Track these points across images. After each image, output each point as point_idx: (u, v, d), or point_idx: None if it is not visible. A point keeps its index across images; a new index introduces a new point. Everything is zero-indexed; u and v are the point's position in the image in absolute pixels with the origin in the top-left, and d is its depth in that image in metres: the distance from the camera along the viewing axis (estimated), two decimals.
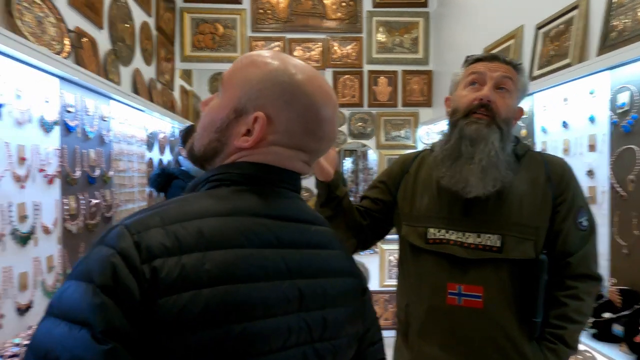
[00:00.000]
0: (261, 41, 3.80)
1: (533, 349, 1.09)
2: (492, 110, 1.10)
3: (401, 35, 3.88)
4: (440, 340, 1.12)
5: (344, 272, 0.66)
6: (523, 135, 2.32)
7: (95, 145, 2.04)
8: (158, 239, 0.49)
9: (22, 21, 1.50)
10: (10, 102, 1.42)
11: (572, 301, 1.09)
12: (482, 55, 1.17)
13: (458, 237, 1.12)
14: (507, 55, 2.49)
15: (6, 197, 1.39)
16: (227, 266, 0.51)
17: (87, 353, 0.43)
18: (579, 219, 1.13)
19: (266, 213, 0.59)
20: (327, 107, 0.64)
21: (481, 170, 1.07)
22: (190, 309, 0.47)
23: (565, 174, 1.15)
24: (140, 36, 2.80)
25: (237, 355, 0.50)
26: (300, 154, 0.65)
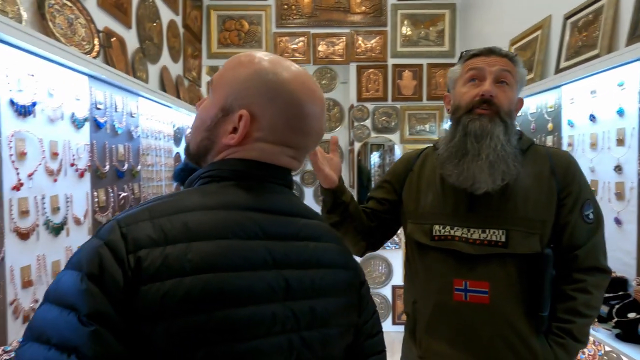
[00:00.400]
0: (286, 37, 3.84)
1: (541, 344, 1.08)
2: (495, 104, 1.10)
3: (427, 28, 3.82)
4: (448, 336, 1.12)
5: (336, 265, 0.67)
6: (549, 129, 2.26)
7: (123, 141, 2.13)
8: (145, 231, 0.53)
9: (54, 23, 1.58)
10: (43, 101, 1.51)
11: (581, 295, 1.08)
12: (478, 50, 1.16)
13: (463, 233, 1.11)
14: (534, 47, 2.42)
15: (40, 190, 1.49)
16: (209, 256, 0.54)
17: (74, 334, 0.47)
18: (586, 212, 1.11)
19: (253, 206, 0.61)
20: (311, 103, 0.66)
21: (489, 166, 1.07)
22: (172, 296, 0.50)
23: (570, 167, 1.14)
24: (167, 34, 2.88)
25: (220, 341, 0.52)
26: (287, 149, 0.67)
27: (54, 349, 0.47)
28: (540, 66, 2.38)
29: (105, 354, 0.47)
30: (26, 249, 1.41)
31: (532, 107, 2.45)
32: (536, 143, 1.23)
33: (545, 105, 2.32)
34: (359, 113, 3.89)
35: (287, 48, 3.84)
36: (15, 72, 1.36)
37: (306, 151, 0.71)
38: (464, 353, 1.10)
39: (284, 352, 0.57)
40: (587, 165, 1.95)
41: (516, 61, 1.16)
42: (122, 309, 0.49)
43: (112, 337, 0.48)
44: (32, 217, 1.44)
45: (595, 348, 1.98)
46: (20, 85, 1.38)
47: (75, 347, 0.47)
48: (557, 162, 1.14)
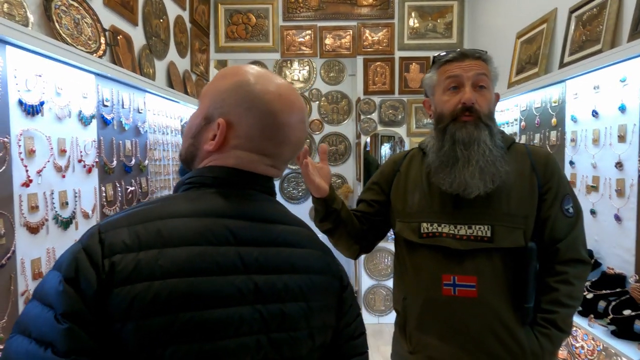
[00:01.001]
0: (293, 30, 3.85)
1: (527, 334, 1.11)
2: (476, 110, 1.14)
3: (434, 20, 3.79)
4: (438, 330, 1.15)
5: (313, 270, 0.69)
6: (553, 124, 2.24)
7: (130, 136, 2.19)
8: (121, 237, 0.57)
9: (60, 24, 1.63)
10: (51, 100, 1.56)
11: (563, 286, 1.11)
12: (451, 56, 1.18)
13: (450, 230, 1.15)
14: (539, 40, 2.40)
15: (49, 185, 1.55)
16: (179, 262, 0.58)
17: (50, 331, 0.52)
18: (566, 206, 1.15)
19: (228, 214, 0.64)
20: (287, 114, 0.69)
21: (480, 171, 1.12)
22: (142, 298, 0.54)
23: (549, 164, 1.18)
24: (174, 30, 2.92)
25: (186, 341, 0.56)
26: (264, 158, 0.70)
27: (34, 342, 0.52)
28: (545, 60, 2.35)
29: (77, 349, 0.52)
30: (36, 242, 1.48)
31: (537, 102, 2.43)
32: (516, 142, 1.27)
33: (549, 100, 2.30)
34: (366, 106, 3.89)
35: (294, 41, 3.86)
36: (23, 72, 1.42)
37: (284, 160, 0.73)
38: (454, 346, 1.13)
39: (251, 352, 0.60)
40: (589, 162, 1.94)
41: (488, 59, 1.19)
42: (96, 308, 0.54)
43: (84, 334, 0.53)
44: (42, 212, 1.51)
45: (594, 343, 1.99)
46: (28, 86, 1.44)
47: (50, 342, 0.52)
48: (536, 159, 1.19)
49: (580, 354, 2.06)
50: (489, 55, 1.20)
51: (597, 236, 1.91)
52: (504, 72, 2.92)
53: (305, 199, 4.85)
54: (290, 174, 4.84)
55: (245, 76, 0.69)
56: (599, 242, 1.90)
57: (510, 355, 1.11)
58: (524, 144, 1.26)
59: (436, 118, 1.23)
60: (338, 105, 4.83)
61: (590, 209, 1.93)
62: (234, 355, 0.59)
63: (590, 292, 1.78)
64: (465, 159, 1.13)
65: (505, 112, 2.87)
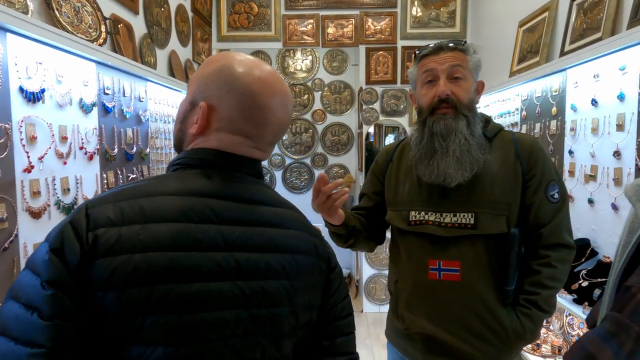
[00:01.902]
0: (295, 19, 3.84)
1: (508, 314, 1.17)
2: (453, 100, 1.17)
3: (438, 9, 3.76)
4: (425, 312, 1.21)
5: (299, 251, 0.72)
6: (553, 114, 2.24)
7: (132, 125, 2.21)
8: (106, 212, 0.61)
9: (60, 12, 1.65)
10: (52, 87, 1.58)
11: (545, 269, 1.16)
12: (427, 50, 1.22)
13: (436, 218, 1.20)
14: (541, 29, 2.38)
15: (50, 172, 1.58)
16: (160, 237, 0.60)
17: (36, 296, 0.56)
18: (551, 192, 1.18)
19: (210, 193, 0.67)
20: (266, 96, 0.71)
21: (456, 161, 1.16)
22: (123, 269, 0.58)
23: (533, 151, 1.20)
24: (176, 19, 2.93)
25: (164, 312, 0.59)
26: (246, 140, 0.72)
27: (23, 307, 0.56)
28: (546, 49, 2.34)
29: (60, 314, 0.56)
30: (38, 226, 1.52)
31: (538, 91, 2.42)
32: (505, 129, 1.29)
33: (550, 89, 2.29)
34: (368, 96, 3.89)
35: (297, 31, 3.85)
36: (23, 60, 1.44)
37: (268, 142, 0.75)
38: (440, 327, 1.19)
39: (230, 326, 0.63)
40: (587, 151, 1.94)
41: (466, 49, 1.21)
42: (79, 277, 0.57)
43: (67, 300, 0.56)
44: (44, 198, 1.54)
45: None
46: (29, 73, 1.46)
47: (36, 307, 0.56)
48: (521, 146, 1.21)
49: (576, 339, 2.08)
50: (468, 45, 1.22)
51: (595, 225, 1.92)
52: (506, 61, 2.90)
53: (308, 189, 4.87)
54: (292, 164, 4.86)
55: (228, 61, 0.72)
56: (596, 231, 1.91)
57: (493, 333, 1.16)
58: (512, 132, 1.27)
59: (417, 111, 1.27)
60: (341, 95, 4.83)
61: (588, 198, 1.94)
62: (213, 327, 0.61)
63: (586, 280, 1.79)
64: (444, 150, 1.17)
65: (507, 102, 2.86)
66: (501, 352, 1.18)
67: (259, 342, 0.65)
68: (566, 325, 2.16)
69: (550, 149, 2.26)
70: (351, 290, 4.69)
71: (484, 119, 1.26)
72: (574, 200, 2.06)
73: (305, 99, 4.83)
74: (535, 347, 2.11)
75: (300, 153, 4.84)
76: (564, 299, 1.79)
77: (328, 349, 0.75)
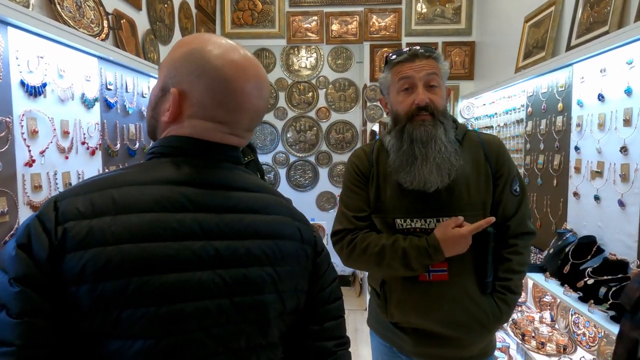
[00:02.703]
0: (299, 16, 3.82)
1: (488, 301, 1.28)
2: (430, 108, 1.22)
3: (443, 5, 3.73)
4: (415, 309, 1.28)
5: (282, 236, 0.70)
6: (559, 109, 2.21)
7: (134, 120, 2.21)
8: (75, 204, 0.59)
9: (62, 6, 1.65)
10: (53, 81, 1.58)
11: (514, 256, 1.28)
12: (402, 57, 1.24)
13: (422, 225, 1.26)
14: (547, 24, 2.35)
15: (52, 166, 1.58)
16: (132, 228, 0.59)
17: (4, 294, 0.55)
18: (513, 187, 1.29)
19: (185, 181, 0.65)
20: (239, 80, 0.67)
21: (437, 168, 1.20)
22: (94, 263, 0.56)
23: (500, 153, 1.30)
24: (179, 15, 2.93)
25: (140, 304, 0.57)
26: (220, 126, 0.69)
27: None
28: (552, 43, 2.31)
29: (29, 311, 0.54)
30: None
31: (543, 87, 2.39)
32: (469, 129, 1.36)
33: (556, 84, 2.26)
34: (372, 93, 3.87)
35: (301, 27, 3.84)
36: (24, 54, 1.44)
37: (243, 128, 0.72)
38: (429, 320, 1.27)
39: (212, 315, 0.61)
40: (594, 147, 1.91)
41: (438, 57, 1.26)
42: (49, 272, 0.56)
43: (37, 296, 0.55)
44: (45, 192, 1.54)
45: (596, 330, 1.97)
46: (30, 67, 1.46)
47: (4, 305, 0.55)
48: (489, 149, 1.29)
49: (582, 341, 2.05)
50: (439, 53, 1.28)
51: (601, 222, 1.89)
52: (512, 56, 2.87)
53: (312, 187, 4.86)
54: (297, 162, 4.85)
55: (199, 44, 0.68)
56: (602, 228, 1.88)
57: (477, 322, 1.26)
58: (477, 133, 1.34)
59: (393, 118, 1.30)
60: (345, 93, 4.81)
61: (594, 194, 1.91)
62: (193, 318, 0.60)
63: (592, 278, 1.76)
64: (424, 156, 1.20)
65: (513, 98, 2.83)
66: (482, 335, 1.29)
67: (243, 330, 0.64)
68: (571, 324, 2.13)
69: (556, 145, 2.24)
70: (355, 288, 4.68)
71: (452, 121, 1.30)
72: (580, 197, 2.03)
73: (310, 97, 4.82)
74: (540, 346, 2.09)
75: (304, 151, 4.82)
76: (569, 297, 1.76)
77: (317, 334, 0.74)
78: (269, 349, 0.68)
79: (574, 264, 1.88)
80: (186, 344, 0.60)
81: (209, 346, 0.61)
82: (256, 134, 4.83)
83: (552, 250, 2.07)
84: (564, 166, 2.18)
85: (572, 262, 1.89)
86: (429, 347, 1.30)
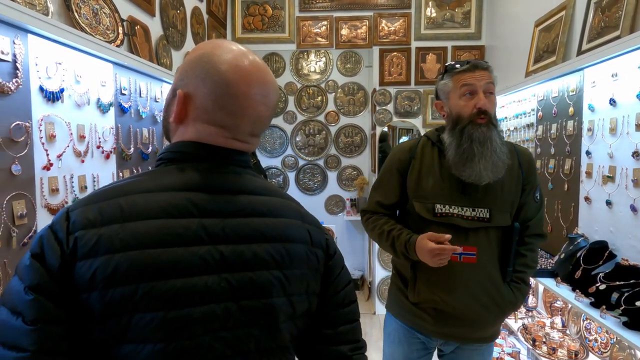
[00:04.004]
0: (309, 20, 3.85)
1: (506, 289, 1.46)
2: (488, 113, 1.39)
3: (452, 9, 3.73)
4: (445, 287, 1.43)
5: (290, 239, 0.70)
6: (570, 114, 2.20)
7: (148, 125, 2.25)
8: (86, 214, 0.62)
9: (79, 14, 1.69)
10: (71, 86, 1.62)
11: (530, 253, 1.48)
12: (466, 66, 1.41)
13: (459, 211, 1.42)
14: (558, 28, 2.35)
15: (68, 169, 1.61)
16: (139, 235, 0.61)
17: (19, 302, 0.58)
18: (536, 194, 1.49)
19: (190, 186, 0.66)
20: (242, 84, 0.68)
21: (492, 165, 1.37)
22: (103, 270, 0.58)
23: (531, 164, 1.50)
24: (191, 21, 2.97)
25: (149, 309, 0.59)
26: (222, 130, 0.69)
27: (9, 312, 0.58)
28: (563, 48, 2.30)
29: (43, 318, 0.57)
30: None
31: (554, 91, 2.39)
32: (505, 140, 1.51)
33: (567, 89, 2.25)
34: (381, 97, 3.88)
35: (310, 32, 3.86)
36: (44, 60, 1.47)
37: (246, 132, 0.71)
38: (455, 299, 1.42)
39: (219, 319, 0.62)
40: (605, 151, 1.90)
41: (492, 69, 1.43)
42: (62, 280, 0.59)
43: (51, 304, 0.58)
44: (62, 195, 1.58)
45: (608, 336, 1.96)
46: (48, 73, 1.50)
47: (20, 312, 0.57)
48: (522, 157, 1.49)
49: (594, 346, 2.03)
50: (492, 67, 1.44)
51: (613, 227, 1.88)
52: (522, 61, 2.86)
53: (321, 190, 4.87)
54: (306, 165, 4.87)
55: (210, 49, 0.69)
56: (614, 233, 1.87)
57: (495, 303, 1.43)
58: (512, 143, 1.53)
59: (453, 119, 1.44)
60: (354, 97, 4.82)
61: (606, 199, 1.90)
62: (200, 322, 0.61)
63: (604, 284, 1.75)
64: (481, 154, 1.37)
65: (523, 102, 2.82)
66: (495, 318, 1.47)
67: (252, 334, 0.65)
68: (583, 330, 2.11)
69: (567, 150, 2.23)
70: (364, 292, 4.67)
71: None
72: (591, 201, 2.02)
73: (319, 101, 4.84)
74: (551, 352, 2.07)
75: (313, 154, 4.84)
76: (580, 303, 1.75)
77: (331, 338, 0.74)
78: (279, 352, 0.69)
79: (585, 269, 1.87)
80: (195, 348, 0.61)
81: (217, 349, 0.62)
82: (265, 138, 4.86)
83: (563, 255, 2.06)
84: (575, 171, 2.17)
85: (584, 267, 1.88)
86: (448, 326, 1.46)
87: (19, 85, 1.36)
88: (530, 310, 2.51)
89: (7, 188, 1.33)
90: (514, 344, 2.70)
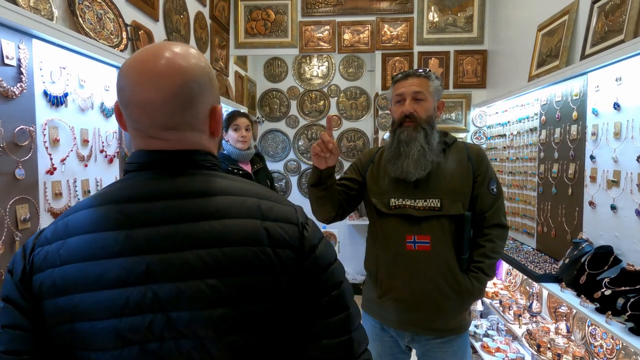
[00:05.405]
0: (311, 25, 3.87)
1: (463, 277, 1.53)
2: (415, 117, 1.53)
3: (455, 14, 3.74)
4: (403, 275, 1.53)
5: (230, 242, 0.63)
6: (574, 118, 2.20)
7: None
8: (46, 232, 0.68)
9: (84, 19, 1.69)
10: (74, 91, 1.63)
11: (488, 243, 1.54)
12: (400, 77, 1.58)
13: (411, 203, 1.54)
14: (561, 33, 2.35)
15: (72, 174, 1.62)
16: (73, 249, 0.65)
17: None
18: (491, 187, 1.57)
19: (128, 197, 0.66)
20: (131, 74, 0.65)
21: (414, 162, 1.51)
22: (46, 283, 0.65)
23: (479, 155, 1.59)
24: (194, 26, 2.98)
25: (83, 319, 0.63)
26: (139, 132, 0.68)
27: None
28: (567, 52, 2.30)
29: (9, 324, 0.65)
30: None
31: (557, 95, 2.38)
32: (458, 140, 1.66)
33: (570, 93, 2.25)
34: (384, 101, 3.88)
35: (313, 37, 3.87)
36: (48, 65, 1.48)
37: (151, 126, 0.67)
38: (414, 286, 1.51)
39: (143, 332, 0.61)
40: (610, 156, 1.89)
41: (429, 76, 1.56)
42: (24, 292, 0.66)
43: (16, 312, 0.65)
44: (65, 199, 1.58)
45: (613, 342, 1.94)
46: (52, 77, 1.50)
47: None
48: (471, 151, 1.60)
49: (599, 352, 2.01)
50: (431, 73, 1.57)
51: (618, 232, 1.87)
52: (525, 65, 2.86)
53: None
54: (308, 170, 4.86)
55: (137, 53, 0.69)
56: (619, 238, 1.86)
57: (453, 291, 1.51)
58: (464, 142, 1.66)
59: (392, 123, 1.62)
60: (357, 101, 4.83)
61: (611, 204, 1.89)
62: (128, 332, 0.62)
63: (609, 289, 1.74)
64: (406, 153, 1.51)
65: (526, 107, 2.82)
66: (455, 306, 1.53)
67: (180, 346, 0.62)
68: (588, 336, 2.09)
69: (570, 154, 2.22)
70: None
71: (442, 133, 1.63)
72: (595, 206, 2.01)
73: (322, 105, 4.85)
74: (555, 358, 2.05)
75: None
76: (585, 308, 1.74)
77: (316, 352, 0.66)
78: None
79: (590, 274, 1.86)
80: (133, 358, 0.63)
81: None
82: (268, 142, 4.87)
83: (567, 260, 2.04)
84: (579, 175, 2.16)
85: (589, 273, 1.87)
86: (408, 313, 1.53)
87: (23, 89, 1.36)
88: (535, 316, 2.49)
89: (10, 192, 1.33)
90: (518, 349, 2.68)
